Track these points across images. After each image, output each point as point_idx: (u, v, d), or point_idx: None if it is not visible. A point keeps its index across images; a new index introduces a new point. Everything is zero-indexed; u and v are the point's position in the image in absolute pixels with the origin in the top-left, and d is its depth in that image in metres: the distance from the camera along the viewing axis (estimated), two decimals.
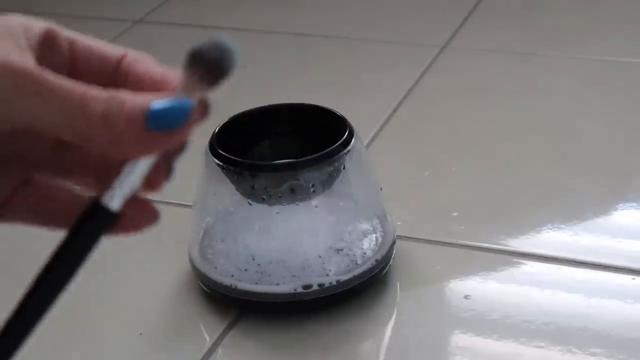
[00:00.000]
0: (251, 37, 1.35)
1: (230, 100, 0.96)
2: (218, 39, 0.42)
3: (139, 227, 0.44)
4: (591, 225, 0.92)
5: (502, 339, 0.79)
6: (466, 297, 0.84)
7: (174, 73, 0.43)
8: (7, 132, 0.41)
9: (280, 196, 0.81)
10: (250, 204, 0.82)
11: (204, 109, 0.42)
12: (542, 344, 0.78)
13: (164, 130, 0.40)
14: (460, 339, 0.80)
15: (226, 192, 0.83)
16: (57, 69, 0.43)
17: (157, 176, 0.43)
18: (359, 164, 0.84)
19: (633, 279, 0.85)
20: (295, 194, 0.81)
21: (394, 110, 1.14)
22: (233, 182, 0.81)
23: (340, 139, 0.82)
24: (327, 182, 0.82)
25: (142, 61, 0.45)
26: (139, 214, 0.44)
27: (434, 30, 1.33)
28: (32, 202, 0.45)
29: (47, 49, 0.43)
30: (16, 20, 0.43)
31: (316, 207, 0.83)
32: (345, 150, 0.82)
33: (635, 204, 0.96)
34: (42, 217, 0.46)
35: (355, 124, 0.85)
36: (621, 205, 0.95)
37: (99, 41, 0.46)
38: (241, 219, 0.84)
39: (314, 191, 0.81)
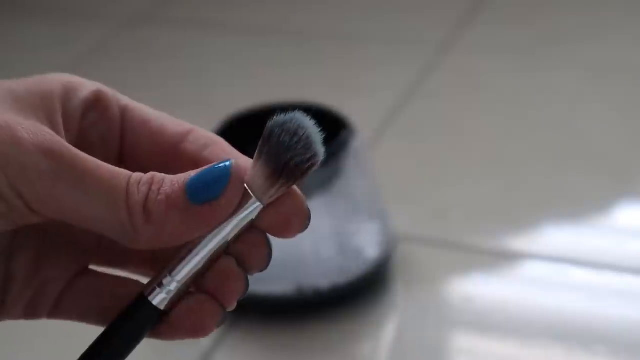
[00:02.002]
0: (251, 37, 1.35)
1: (230, 99, 0.96)
2: (303, 123, 0.36)
3: (197, 331, 0.38)
4: (592, 226, 0.92)
5: (504, 339, 0.79)
6: (467, 297, 0.83)
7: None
8: (43, 226, 0.37)
9: None
10: None
11: (300, 216, 0.37)
12: (543, 344, 0.78)
13: (206, 200, 0.36)
14: (461, 340, 0.79)
15: None
16: (105, 137, 0.39)
17: (230, 290, 0.38)
18: (359, 164, 0.84)
19: (635, 278, 0.85)
20: None
21: (394, 110, 1.14)
22: None
23: (340, 138, 0.82)
24: (327, 182, 0.82)
25: (218, 146, 0.39)
26: (200, 318, 0.38)
27: (434, 30, 1.33)
28: (88, 295, 0.40)
29: (95, 115, 0.39)
30: (57, 82, 0.38)
31: (316, 207, 0.83)
32: (345, 150, 0.81)
33: (636, 204, 0.95)
34: (100, 311, 0.40)
35: (355, 123, 0.84)
36: (622, 205, 0.95)
37: (159, 112, 0.40)
38: None
39: (313, 191, 0.81)
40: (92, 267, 0.41)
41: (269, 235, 0.37)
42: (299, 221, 0.37)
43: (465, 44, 1.28)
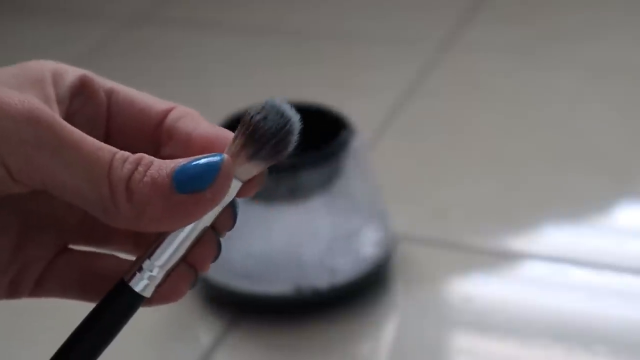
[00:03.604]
0: (249, 37, 1.35)
1: (228, 99, 0.95)
2: (278, 105, 0.37)
3: (170, 299, 0.39)
4: (592, 226, 0.92)
5: (504, 339, 0.79)
6: (467, 297, 0.83)
7: (227, 134, 0.39)
8: (27, 195, 0.37)
9: (280, 196, 0.80)
10: (249, 204, 0.82)
11: (259, 178, 0.38)
12: (543, 344, 0.78)
13: (192, 191, 0.36)
14: (461, 340, 0.79)
15: None
16: (91, 122, 0.39)
17: (203, 255, 0.38)
18: (358, 164, 0.83)
19: (635, 278, 0.85)
20: (295, 194, 0.81)
21: (394, 110, 1.13)
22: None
23: (340, 138, 0.82)
24: (327, 182, 0.82)
25: (191, 118, 0.40)
26: (173, 284, 0.39)
27: (434, 29, 1.33)
28: (69, 273, 0.40)
29: (82, 100, 0.39)
30: (45, 67, 0.39)
31: (316, 207, 0.83)
32: (345, 150, 0.81)
33: (636, 204, 0.95)
34: (81, 288, 0.40)
35: (355, 123, 0.84)
36: (622, 205, 0.95)
37: (143, 93, 0.41)
38: (241, 220, 0.84)
39: (313, 191, 0.81)
40: (74, 246, 0.41)
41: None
42: (260, 183, 0.39)
43: (466, 43, 1.28)
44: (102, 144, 0.36)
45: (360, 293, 0.83)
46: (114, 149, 0.36)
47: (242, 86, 1.18)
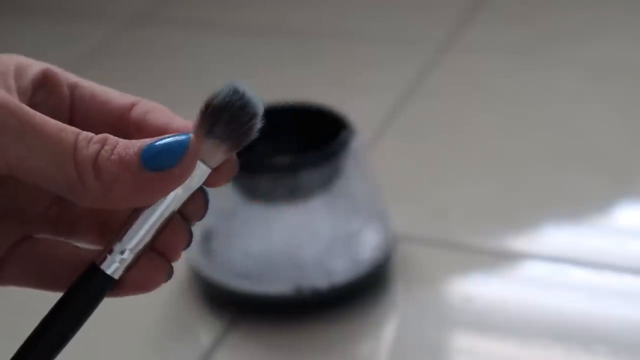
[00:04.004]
0: (250, 37, 1.35)
1: None
2: (236, 85, 0.38)
3: (146, 288, 0.39)
4: (592, 226, 0.92)
5: (504, 339, 0.79)
6: (467, 297, 0.83)
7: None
8: None
9: (280, 196, 0.81)
10: (249, 204, 0.82)
11: (229, 167, 0.39)
12: (543, 344, 0.78)
13: (160, 169, 0.36)
14: (461, 340, 0.79)
15: (225, 193, 0.83)
16: (54, 114, 0.39)
17: (174, 242, 0.39)
18: (359, 164, 0.84)
19: (635, 278, 0.85)
20: (295, 194, 0.81)
21: (394, 110, 1.14)
22: (233, 182, 0.81)
23: (340, 138, 0.82)
24: (327, 182, 0.82)
25: (161, 112, 0.40)
26: (147, 274, 0.39)
27: (435, 29, 1.33)
28: (30, 261, 0.40)
29: (44, 93, 0.40)
30: (10, 60, 0.39)
31: (316, 207, 0.83)
32: (345, 150, 0.81)
33: (636, 204, 0.95)
34: (42, 277, 0.40)
35: (355, 123, 0.84)
36: (623, 205, 0.95)
37: (106, 88, 0.41)
38: (240, 220, 0.84)
39: (313, 191, 0.81)
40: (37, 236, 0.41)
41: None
42: (230, 171, 0.39)
43: (466, 43, 1.28)
44: (65, 125, 0.37)
45: (360, 293, 0.83)
46: (77, 130, 0.37)
47: None
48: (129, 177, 0.36)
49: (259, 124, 0.38)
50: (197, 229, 0.86)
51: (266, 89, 1.26)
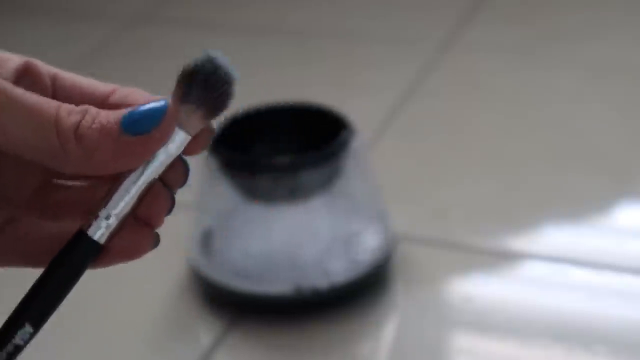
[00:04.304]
0: (250, 37, 1.35)
1: None
2: (211, 54, 0.40)
3: (132, 255, 0.41)
4: (592, 226, 0.92)
5: (504, 339, 0.79)
6: (467, 297, 0.83)
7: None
8: None
9: (280, 196, 0.81)
10: (249, 204, 0.82)
11: (206, 135, 0.40)
12: (543, 344, 0.78)
13: (140, 133, 0.38)
14: (461, 340, 0.79)
15: (226, 192, 0.83)
16: None
17: (157, 208, 0.41)
18: (359, 164, 0.84)
19: (635, 278, 0.85)
20: (295, 194, 0.81)
21: (394, 110, 1.14)
22: (233, 182, 0.81)
23: (340, 138, 0.82)
24: (327, 182, 0.82)
25: (140, 94, 0.42)
26: (134, 241, 0.41)
27: (435, 29, 1.33)
28: (15, 242, 0.42)
29: (27, 82, 0.41)
30: None
31: (316, 207, 0.83)
32: (345, 150, 0.81)
33: (636, 204, 0.95)
34: (26, 257, 0.42)
35: (355, 123, 0.84)
36: (622, 205, 0.95)
37: (86, 78, 0.43)
38: (241, 220, 0.84)
39: (313, 191, 0.81)
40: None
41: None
42: (206, 139, 0.41)
43: (466, 43, 1.28)
44: (47, 98, 0.39)
45: (360, 293, 0.83)
46: (59, 102, 0.39)
47: (243, 86, 1.17)
48: (110, 143, 0.38)
49: (232, 91, 0.41)
50: (197, 229, 0.86)
51: (266, 89, 1.26)
